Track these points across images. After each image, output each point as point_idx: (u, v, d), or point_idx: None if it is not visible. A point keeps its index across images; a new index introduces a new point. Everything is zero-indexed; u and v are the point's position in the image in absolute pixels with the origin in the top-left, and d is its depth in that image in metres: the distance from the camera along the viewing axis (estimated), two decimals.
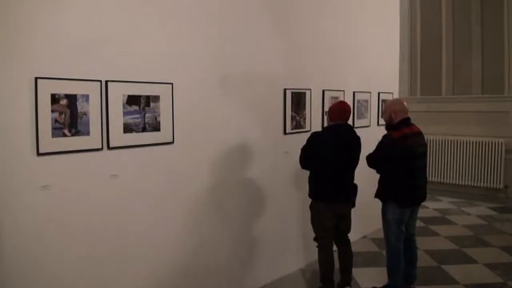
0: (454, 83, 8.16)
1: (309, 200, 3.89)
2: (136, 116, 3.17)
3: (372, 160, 3.87)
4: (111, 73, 2.98)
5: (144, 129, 3.21)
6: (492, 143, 7.59)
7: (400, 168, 3.70)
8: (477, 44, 7.82)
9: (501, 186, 7.57)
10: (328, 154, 3.70)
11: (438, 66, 8.30)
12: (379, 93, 5.78)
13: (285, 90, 4.31)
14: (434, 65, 8.35)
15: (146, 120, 3.22)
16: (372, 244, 5.48)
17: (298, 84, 4.47)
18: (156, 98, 3.27)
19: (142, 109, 3.19)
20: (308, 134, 3.89)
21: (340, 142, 3.71)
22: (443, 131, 8.15)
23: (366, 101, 5.53)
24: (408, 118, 3.84)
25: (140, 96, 3.17)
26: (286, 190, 4.47)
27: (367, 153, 3.91)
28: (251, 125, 4.02)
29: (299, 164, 3.93)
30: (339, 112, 3.82)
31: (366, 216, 5.16)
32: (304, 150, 3.86)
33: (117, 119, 3.06)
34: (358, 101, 5.36)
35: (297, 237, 4.64)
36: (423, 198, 3.91)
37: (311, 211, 3.89)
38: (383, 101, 5.69)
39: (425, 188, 3.90)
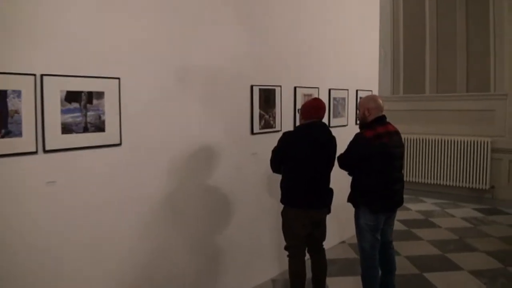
0: (438, 81, 7.97)
1: (281, 206, 3.55)
2: (76, 114, 2.81)
3: (343, 161, 3.56)
4: (47, 65, 2.62)
5: (85, 130, 2.86)
6: (477, 142, 7.40)
7: (374, 170, 3.39)
8: (462, 41, 7.64)
9: (487, 186, 7.38)
10: (300, 156, 3.38)
11: (421, 64, 8.09)
12: (357, 91, 5.48)
13: (252, 86, 3.98)
14: (417, 62, 8.14)
15: (88, 119, 2.87)
16: (350, 250, 5.17)
17: (267, 80, 4.14)
18: (100, 95, 2.92)
19: (83, 107, 2.84)
20: (279, 134, 3.56)
21: (314, 142, 3.39)
22: (427, 130, 7.96)
23: (343, 99, 5.22)
24: (383, 116, 3.54)
25: (81, 92, 2.82)
26: (255, 195, 4.14)
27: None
28: (214, 124, 3.68)
29: (269, 167, 3.60)
30: (313, 110, 3.49)
31: (344, 220, 4.82)
32: (275, 151, 3.54)
33: (54, 118, 2.70)
34: (335, 98, 5.06)
35: (268, 245, 4.31)
36: (400, 203, 3.59)
37: (283, 218, 3.56)
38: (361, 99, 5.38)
39: (401, 193, 3.59)
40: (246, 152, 4.00)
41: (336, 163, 3.57)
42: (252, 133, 4.02)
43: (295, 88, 4.49)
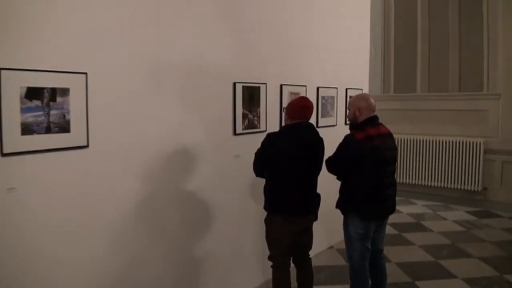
0: (430, 80, 7.80)
1: (265, 213, 3.31)
2: (38, 113, 2.54)
3: (331, 164, 3.33)
4: (5, 58, 2.34)
5: (48, 130, 2.58)
6: (470, 143, 7.24)
7: (364, 174, 3.15)
8: (454, 39, 7.46)
9: (480, 188, 7.23)
10: (285, 159, 3.14)
11: (413, 62, 7.92)
12: (346, 89, 5.25)
13: (235, 84, 3.72)
14: (408, 61, 7.96)
15: (52, 118, 2.59)
16: (338, 256, 4.94)
17: (251, 78, 3.89)
18: (65, 91, 2.64)
19: (46, 105, 2.56)
20: (263, 135, 3.31)
21: (300, 144, 3.15)
22: (418, 131, 7.80)
23: (332, 97, 4.99)
24: (375, 117, 3.31)
25: (43, 89, 2.54)
26: (237, 201, 3.88)
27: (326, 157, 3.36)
28: (192, 124, 3.42)
29: (253, 171, 3.36)
30: (299, 110, 3.25)
31: (333, 224, 4.55)
32: (258, 154, 3.29)
33: (13, 118, 2.42)
34: (323, 97, 4.82)
35: (251, 254, 4.06)
36: (392, 210, 3.36)
37: (266, 226, 3.31)
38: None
39: (394, 198, 3.36)
40: (228, 154, 3.74)
41: (324, 166, 3.34)
42: (235, 133, 3.77)
43: (281, 86, 4.25)
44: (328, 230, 4.87)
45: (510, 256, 4.97)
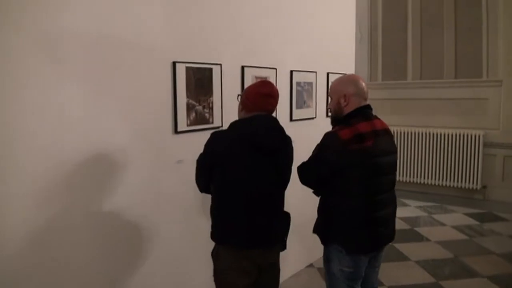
0: (422, 66, 7.17)
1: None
2: None
3: (305, 174, 2.39)
4: None
5: None
6: (468, 135, 6.59)
7: (351, 189, 2.22)
8: (450, 19, 6.78)
9: (479, 186, 6.59)
10: (238, 168, 2.20)
11: (403, 46, 7.26)
12: (328, 74, 4.30)
13: (174, 64, 2.75)
14: (398, 44, 7.29)
15: None
16: (319, 277, 4.02)
17: (199, 56, 2.93)
18: None
19: None
20: None
21: (259, 146, 2.19)
22: (409, 122, 7.19)
23: (310, 83, 4.05)
24: (368, 107, 2.39)
25: None
26: (180, 222, 2.92)
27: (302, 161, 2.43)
28: (113, 120, 2.46)
29: None
30: (259, 98, 2.28)
31: (312, 237, 3.66)
32: (200, 162, 2.35)
33: None
34: (298, 83, 3.87)
35: None
36: (391, 237, 2.43)
37: (214, 262, 2.36)
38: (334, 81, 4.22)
39: (393, 221, 2.43)
40: (167, 159, 2.78)
41: (294, 177, 2.40)
42: (176, 131, 2.79)
43: (242, 68, 3.28)
44: (306, 245, 3.97)
45: None
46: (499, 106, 6.40)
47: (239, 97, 2.41)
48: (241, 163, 2.20)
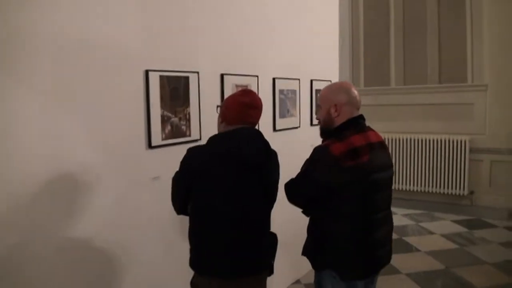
0: (405, 71, 7.01)
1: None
2: None
3: (293, 193, 2.18)
4: None
5: None
6: (453, 141, 6.42)
7: (344, 208, 2.02)
8: (433, 24, 6.64)
9: (466, 192, 6.40)
10: (218, 187, 1.98)
11: (385, 51, 7.08)
12: (312, 81, 4.12)
13: (147, 72, 2.52)
14: (381, 50, 7.12)
15: None
16: None
17: (174, 64, 2.70)
18: None
19: None
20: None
21: (241, 163, 1.98)
22: (393, 128, 6.97)
23: (294, 91, 3.85)
24: (361, 117, 2.21)
25: None
26: (158, 249, 2.68)
27: (290, 177, 2.21)
28: (80, 136, 2.22)
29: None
30: (241, 109, 2.07)
31: (299, 251, 3.45)
32: (176, 180, 2.12)
33: None
34: (281, 91, 3.67)
35: None
36: (387, 260, 2.23)
37: None
38: (318, 91, 4.03)
39: (390, 242, 2.24)
40: (140, 176, 2.54)
41: (280, 196, 2.19)
42: (150, 146, 2.56)
43: (222, 75, 3.07)
44: (292, 260, 3.74)
45: None
46: (484, 111, 6.27)
47: (219, 108, 2.20)
48: (221, 181, 1.98)
